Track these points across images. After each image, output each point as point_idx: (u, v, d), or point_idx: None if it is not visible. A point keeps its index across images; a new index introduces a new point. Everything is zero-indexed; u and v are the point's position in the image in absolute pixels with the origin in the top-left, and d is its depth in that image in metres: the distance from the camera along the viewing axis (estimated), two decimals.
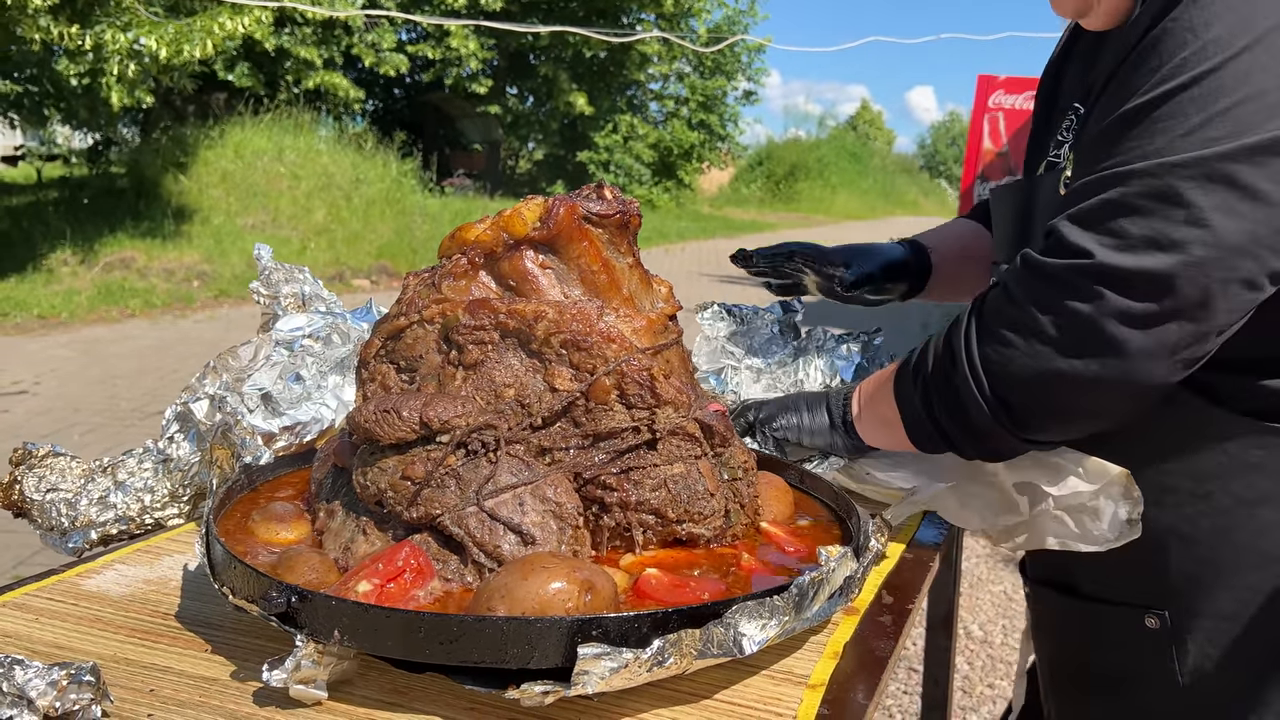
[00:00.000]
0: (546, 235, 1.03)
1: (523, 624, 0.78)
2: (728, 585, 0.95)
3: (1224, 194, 0.89)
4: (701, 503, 1.02)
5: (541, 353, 1.01)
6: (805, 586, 0.85)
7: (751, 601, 0.82)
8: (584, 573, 0.86)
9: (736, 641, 0.81)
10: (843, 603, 0.91)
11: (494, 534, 0.94)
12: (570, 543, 0.97)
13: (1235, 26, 0.90)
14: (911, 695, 3.10)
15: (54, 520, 1.21)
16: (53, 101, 14.94)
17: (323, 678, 0.81)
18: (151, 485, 1.25)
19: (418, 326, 1.05)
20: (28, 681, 0.75)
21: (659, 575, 0.95)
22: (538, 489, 0.97)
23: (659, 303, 1.09)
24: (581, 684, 0.75)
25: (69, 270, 10.10)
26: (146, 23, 9.78)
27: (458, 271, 1.05)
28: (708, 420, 1.04)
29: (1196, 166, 0.90)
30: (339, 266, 11.76)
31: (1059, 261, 0.96)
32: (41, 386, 6.52)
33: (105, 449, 5.29)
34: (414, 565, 0.92)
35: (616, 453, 1.01)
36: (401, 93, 24.03)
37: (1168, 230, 0.90)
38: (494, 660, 0.78)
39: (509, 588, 0.84)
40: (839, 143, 38.66)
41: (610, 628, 0.79)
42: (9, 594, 1.00)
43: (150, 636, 0.93)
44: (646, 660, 0.77)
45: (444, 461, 0.95)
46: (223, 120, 14.25)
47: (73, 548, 1.19)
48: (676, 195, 24.51)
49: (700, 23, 23.01)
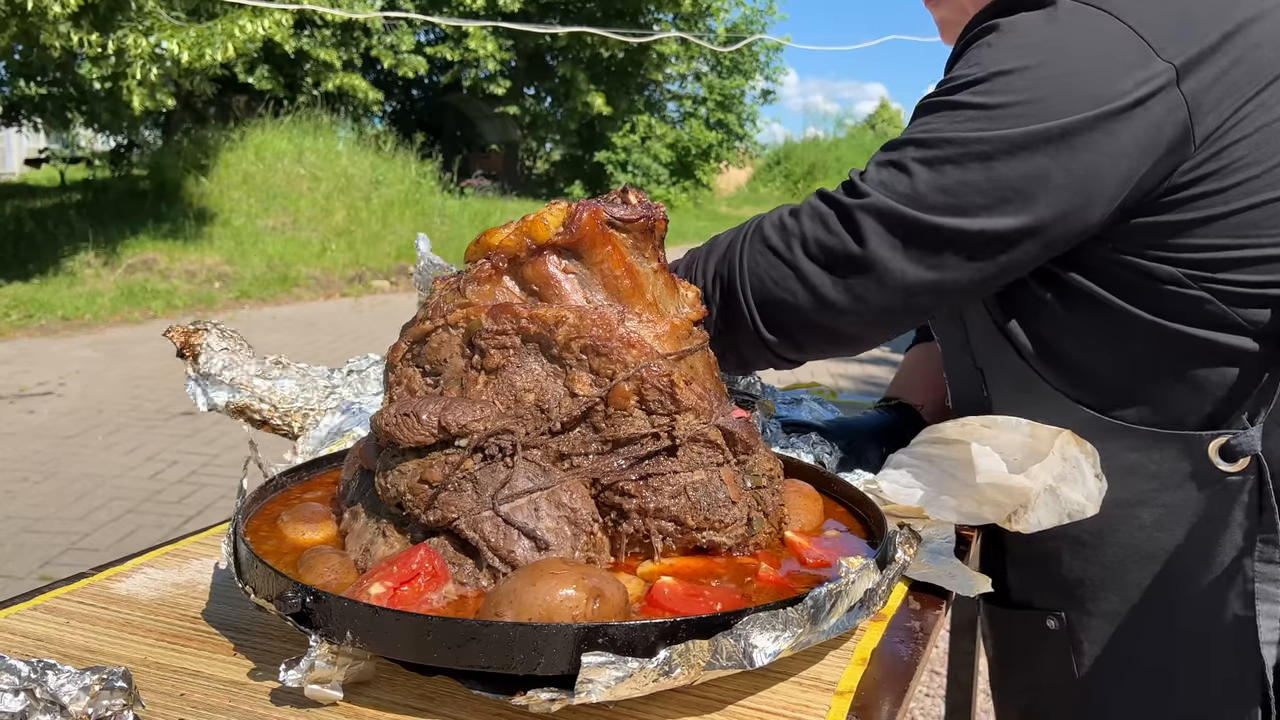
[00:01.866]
0: (570, 240, 1.03)
1: (528, 630, 0.78)
2: (744, 595, 0.94)
3: (976, 172, 1.04)
4: (722, 510, 1.01)
5: (562, 358, 1.01)
6: (821, 599, 0.84)
7: (764, 613, 0.81)
8: (593, 580, 0.85)
9: (747, 653, 0.79)
10: (865, 615, 0.90)
11: (508, 539, 0.94)
12: (585, 549, 0.97)
13: (1011, 52, 1.07)
14: (934, 698, 3.09)
15: (210, 370, 1.30)
16: (75, 105, 15.09)
17: (338, 679, 0.81)
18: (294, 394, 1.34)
19: (442, 331, 1.05)
20: (60, 687, 0.75)
21: (674, 584, 0.94)
22: (553, 494, 0.97)
23: (684, 308, 1.08)
24: (586, 692, 0.75)
25: (92, 272, 10.19)
26: (168, 26, 9.86)
27: (482, 276, 1.06)
28: (730, 427, 1.02)
29: (961, 146, 1.04)
30: (359, 268, 11.82)
31: (844, 198, 1.11)
32: (66, 387, 6.59)
33: (130, 449, 5.33)
34: (428, 569, 0.92)
35: (636, 459, 1.00)
36: (420, 94, 24.13)
37: (924, 192, 1.06)
38: (500, 666, 0.78)
39: (517, 593, 0.84)
40: (858, 142, 38.51)
41: (617, 636, 0.78)
42: (39, 598, 1.01)
43: (180, 640, 0.94)
44: (653, 670, 0.76)
45: (461, 465, 0.96)
46: (243, 122, 14.36)
47: (206, 400, 1.29)
48: (694, 195, 24.49)
49: (718, 22, 23.01)
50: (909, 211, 1.05)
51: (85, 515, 4.44)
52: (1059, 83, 1.03)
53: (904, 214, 1.05)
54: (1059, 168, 1.02)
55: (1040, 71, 1.04)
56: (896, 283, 1.07)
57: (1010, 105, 1.03)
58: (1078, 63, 1.04)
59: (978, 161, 1.03)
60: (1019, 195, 1.03)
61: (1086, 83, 1.02)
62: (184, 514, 4.47)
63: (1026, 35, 1.06)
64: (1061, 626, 1.19)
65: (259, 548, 1.02)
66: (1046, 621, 1.21)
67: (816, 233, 1.09)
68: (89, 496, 4.66)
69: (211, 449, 5.40)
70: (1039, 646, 1.23)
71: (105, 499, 4.64)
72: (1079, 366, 1.13)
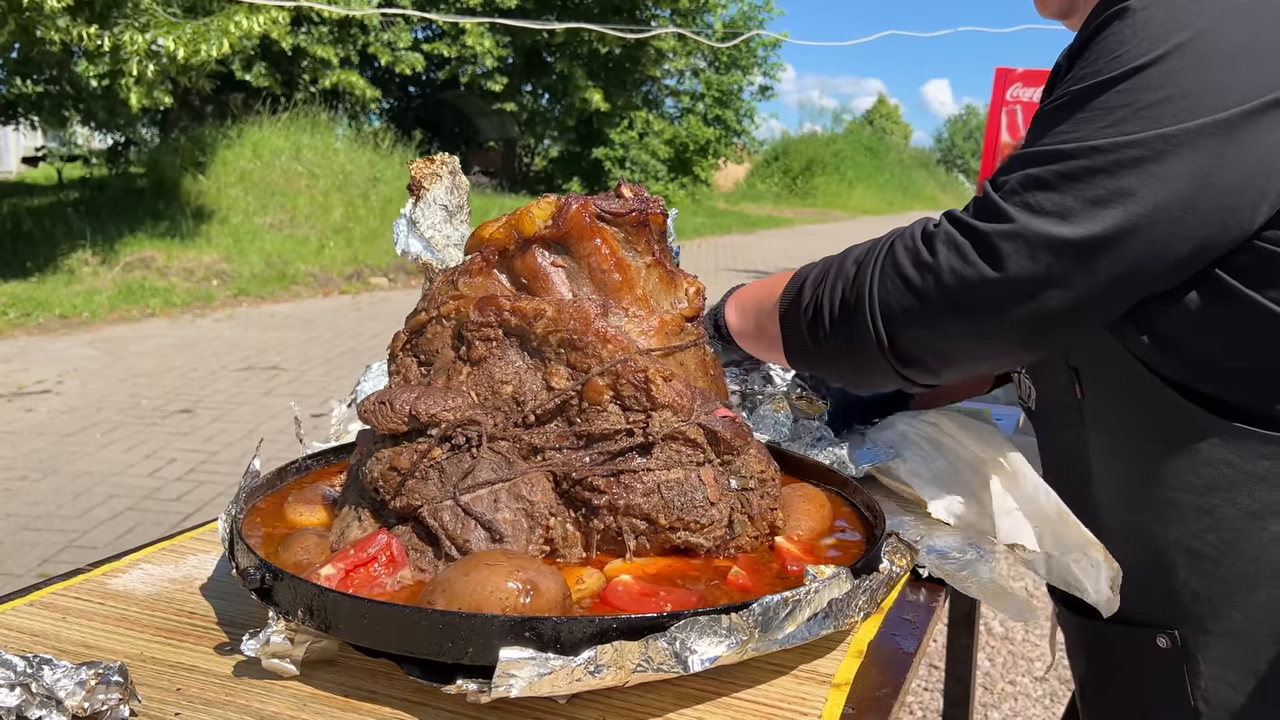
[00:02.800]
0: (557, 233, 1.03)
1: (456, 619, 0.80)
2: (702, 599, 0.91)
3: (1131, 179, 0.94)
4: (699, 511, 0.99)
5: (541, 351, 1.01)
6: (774, 606, 0.82)
7: (703, 617, 0.79)
8: (528, 573, 0.85)
9: (682, 657, 0.78)
10: (834, 624, 0.87)
11: (465, 528, 0.96)
12: (539, 542, 0.97)
13: (1164, 31, 0.95)
14: (933, 692, 3.09)
15: (418, 219, 1.33)
16: (72, 103, 15.04)
17: (297, 655, 0.84)
18: None
19: (436, 322, 1.07)
20: (56, 681, 0.75)
21: (630, 583, 0.92)
22: (514, 487, 0.98)
23: (680, 303, 1.07)
24: (505, 686, 0.75)
25: (90, 270, 10.18)
26: (164, 23, 9.84)
27: (474, 269, 1.07)
28: (713, 426, 1.00)
29: (1112, 153, 0.94)
30: (357, 265, 11.81)
31: (982, 224, 1.00)
32: (65, 385, 6.58)
33: (128, 447, 5.33)
34: (386, 555, 0.94)
35: (609, 455, 0.98)
36: (417, 91, 24.09)
37: (1074, 207, 0.95)
38: (430, 653, 0.80)
39: (450, 582, 0.85)
40: (855, 137, 38.52)
41: (544, 631, 0.78)
42: (36, 593, 1.01)
43: (176, 635, 0.94)
44: (579, 669, 0.75)
45: (429, 454, 0.98)
46: (240, 120, 14.33)
47: (402, 244, 1.32)
48: (692, 191, 24.47)
49: (716, 18, 22.96)
50: (1057, 233, 0.94)
51: (84, 513, 4.44)
52: (1213, 70, 0.92)
53: (1051, 236, 0.95)
54: (1222, 166, 0.92)
55: (1189, 59, 0.93)
56: (1040, 311, 0.97)
57: (1161, 101, 0.93)
58: (1231, 45, 0.93)
59: (1132, 169, 0.93)
60: (1179, 202, 0.92)
61: (1244, 68, 0.92)
62: (182, 511, 4.47)
63: (1170, 16, 0.95)
64: (1174, 646, 1.08)
65: (266, 527, 1.06)
66: (1156, 640, 1.09)
67: (952, 263, 0.99)
68: (87, 494, 4.66)
69: (210, 446, 5.39)
70: (1145, 667, 1.12)
71: (104, 497, 4.64)
72: (1208, 368, 1.02)
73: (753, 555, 1.02)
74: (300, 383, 6.86)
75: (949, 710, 1.76)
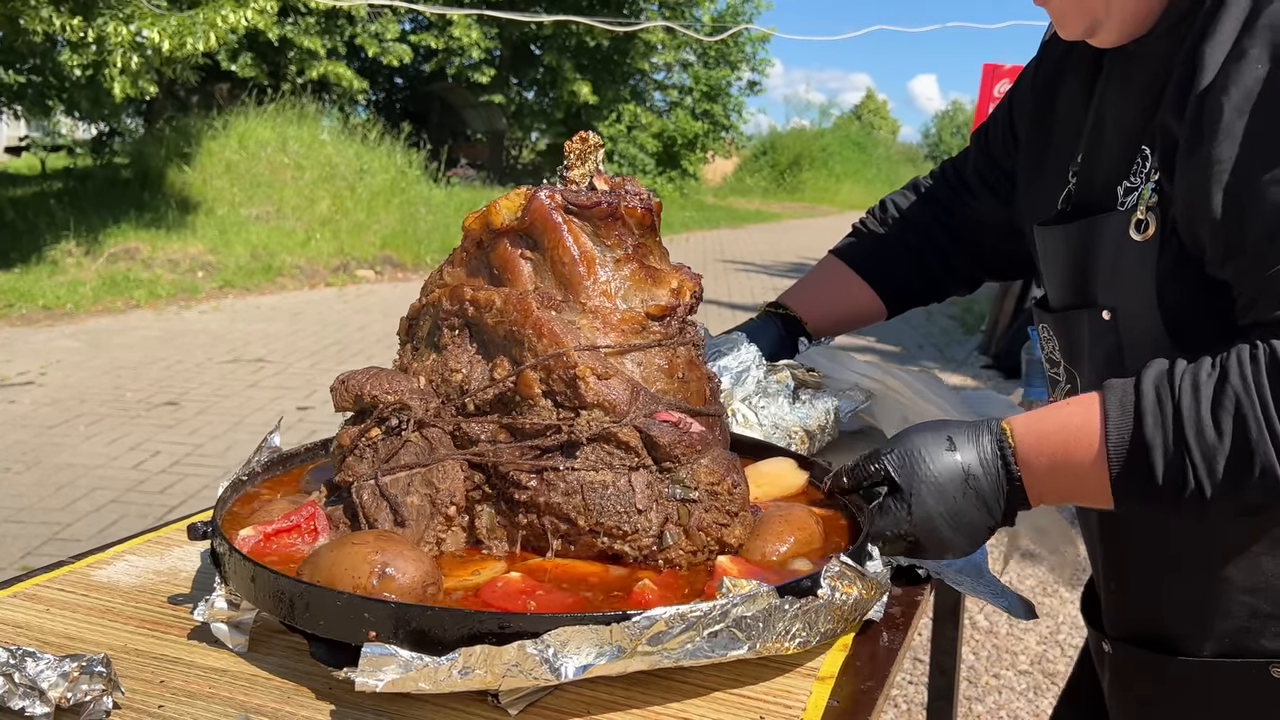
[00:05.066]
0: (523, 226, 1.02)
1: (305, 589, 0.83)
2: (577, 604, 0.87)
3: None
4: (623, 517, 0.94)
5: (490, 342, 1.01)
6: (665, 619, 0.77)
7: (573, 626, 0.76)
8: (385, 556, 0.86)
9: (555, 666, 0.75)
10: (751, 647, 0.80)
11: (378, 508, 0.99)
12: (436, 530, 0.98)
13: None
14: (917, 685, 3.11)
15: None
16: (56, 92, 14.94)
17: (247, 618, 0.88)
18: None
19: (425, 310, 1.09)
20: (39, 673, 0.75)
21: (511, 580, 0.90)
22: (428, 473, 0.99)
23: (651, 300, 1.02)
24: (374, 680, 0.75)
25: (74, 261, 10.11)
26: (149, 15, 9.76)
27: (456, 259, 1.09)
28: (650, 430, 0.95)
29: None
30: (344, 257, 11.76)
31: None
32: (48, 377, 6.54)
33: (112, 439, 5.30)
34: (305, 524, 0.99)
35: (538, 450, 0.96)
36: (405, 83, 24.00)
37: None
38: (288, 619, 0.83)
39: (319, 555, 0.89)
40: (843, 132, 38.55)
41: (378, 615, 0.79)
42: (20, 585, 1.00)
43: (160, 627, 0.93)
44: (443, 668, 0.75)
45: (368, 434, 1.02)
46: (226, 111, 14.23)
47: None
48: (681, 185, 24.46)
49: (704, 12, 22.95)
50: None
51: (67, 505, 4.41)
52: None
53: None
54: None
55: None
56: None
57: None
58: None
59: None
60: None
61: None
62: (167, 504, 4.45)
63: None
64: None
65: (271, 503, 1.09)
66: (1270, 670, 1.00)
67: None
68: (71, 487, 4.63)
69: (195, 439, 5.37)
70: (1258, 703, 1.02)
71: (87, 489, 4.61)
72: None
73: (687, 571, 0.95)
74: (286, 375, 6.84)
75: (933, 703, 1.76)
